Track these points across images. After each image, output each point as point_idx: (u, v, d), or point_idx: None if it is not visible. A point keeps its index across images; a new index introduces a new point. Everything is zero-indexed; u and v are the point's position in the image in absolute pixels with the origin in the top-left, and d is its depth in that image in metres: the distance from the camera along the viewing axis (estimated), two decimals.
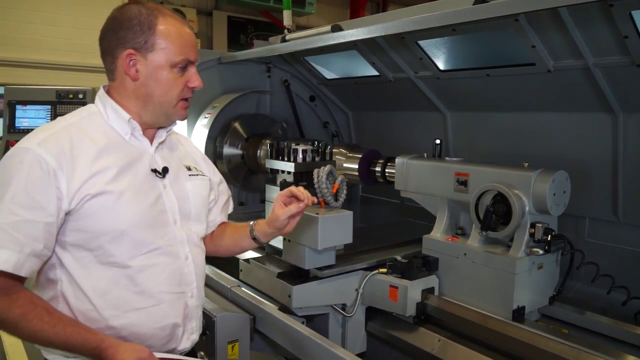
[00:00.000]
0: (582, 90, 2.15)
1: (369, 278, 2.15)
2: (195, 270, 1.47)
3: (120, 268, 1.31)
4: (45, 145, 1.25)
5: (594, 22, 1.85)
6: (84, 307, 1.30)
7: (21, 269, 1.21)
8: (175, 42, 1.37)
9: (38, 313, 1.22)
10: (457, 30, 2.19)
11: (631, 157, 2.17)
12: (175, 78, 1.39)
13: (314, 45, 2.65)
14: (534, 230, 1.92)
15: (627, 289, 1.99)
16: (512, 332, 1.84)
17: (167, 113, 1.43)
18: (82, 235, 1.29)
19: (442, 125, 2.99)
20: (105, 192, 1.28)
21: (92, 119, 1.39)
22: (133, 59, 1.37)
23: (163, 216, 1.40)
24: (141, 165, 1.40)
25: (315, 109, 3.74)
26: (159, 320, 1.37)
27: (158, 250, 1.36)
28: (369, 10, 12.38)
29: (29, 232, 1.21)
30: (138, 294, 1.33)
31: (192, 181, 1.54)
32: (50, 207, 1.23)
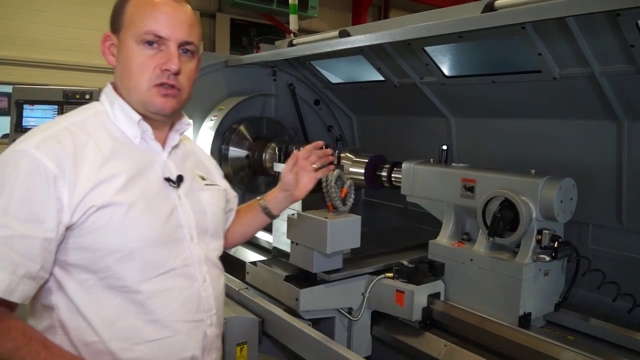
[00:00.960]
0: (588, 97, 2.17)
1: (375, 282, 2.16)
2: (215, 294, 1.29)
3: (129, 293, 1.13)
4: (45, 148, 1.08)
5: (601, 30, 1.87)
6: (88, 338, 1.12)
7: (13, 294, 1.03)
8: (141, 13, 1.18)
9: (33, 347, 1.04)
10: (463, 37, 2.21)
11: (635, 164, 2.18)
12: (145, 57, 1.17)
13: (321, 51, 2.67)
14: (541, 237, 1.93)
15: (633, 296, 2.00)
16: (519, 338, 1.85)
17: (141, 100, 1.20)
18: (85, 255, 1.11)
19: (446, 130, 3.01)
20: (113, 203, 1.10)
21: (97, 118, 1.22)
22: (109, 42, 1.24)
23: (178, 232, 1.22)
24: (153, 173, 1.22)
25: (319, 113, 3.76)
26: (174, 354, 1.18)
27: (173, 271, 1.19)
28: (371, 15, 12.42)
29: (24, 249, 1.03)
30: (150, 323, 1.15)
31: (208, 192, 1.37)
32: (49, 220, 1.05)
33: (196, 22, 1.26)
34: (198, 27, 1.27)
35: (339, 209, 2.04)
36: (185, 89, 1.24)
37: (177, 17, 1.19)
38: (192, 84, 1.27)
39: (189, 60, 1.24)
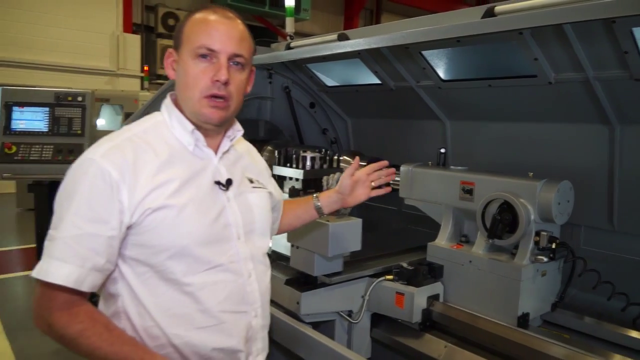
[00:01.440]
0: (582, 102, 2.20)
1: (375, 285, 2.18)
2: (260, 288, 1.40)
3: (180, 285, 1.26)
4: (109, 157, 1.21)
5: (596, 37, 1.90)
6: (146, 323, 1.26)
7: (82, 284, 1.18)
8: (197, 30, 1.30)
9: (97, 330, 1.19)
10: (461, 41, 2.23)
11: (627, 167, 2.22)
12: (200, 70, 1.29)
13: (319, 54, 2.68)
14: (539, 239, 1.97)
15: (627, 295, 2.04)
16: (518, 338, 1.88)
17: (194, 110, 1.32)
18: (142, 251, 1.24)
19: (441, 133, 3.03)
20: (166, 206, 1.23)
21: (157, 129, 1.34)
22: (171, 58, 1.36)
23: (226, 231, 1.34)
24: (204, 177, 1.34)
25: (314, 116, 3.77)
26: (221, 341, 1.30)
27: (220, 267, 1.30)
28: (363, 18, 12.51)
29: (91, 246, 1.18)
30: (199, 312, 1.27)
31: (256, 193, 1.47)
32: (113, 220, 1.19)
33: (247, 37, 1.36)
34: (249, 42, 1.37)
35: (340, 212, 2.06)
36: (234, 98, 1.34)
37: (227, 32, 1.31)
38: (242, 93, 1.38)
39: (238, 71, 1.34)
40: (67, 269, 1.16)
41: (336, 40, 2.71)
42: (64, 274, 1.16)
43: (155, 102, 3.10)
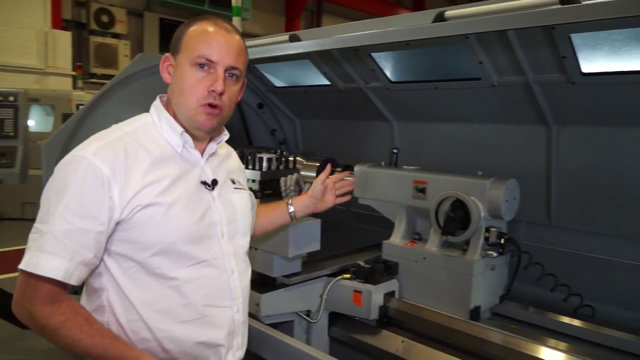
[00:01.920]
0: (522, 104, 2.32)
1: (333, 284, 2.21)
2: (241, 285, 1.44)
3: (166, 279, 1.30)
4: (101, 155, 1.24)
5: (537, 43, 2.01)
6: (131, 317, 1.28)
7: (71, 278, 1.21)
8: (197, 40, 1.34)
9: (78, 322, 1.21)
10: (410, 44, 2.29)
11: (563, 165, 2.36)
12: (198, 79, 1.33)
13: (270, 55, 2.67)
14: (489, 235, 2.06)
15: (568, 286, 2.17)
16: (471, 330, 1.97)
17: (188, 116, 1.36)
18: (129, 246, 1.27)
19: (389, 134, 3.10)
20: (155, 203, 1.27)
21: (146, 129, 1.38)
22: (167, 62, 1.39)
23: (211, 229, 1.38)
24: (191, 177, 1.38)
25: (262, 117, 3.75)
26: (204, 334, 1.34)
27: (204, 262, 1.34)
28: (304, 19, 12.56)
29: (81, 240, 1.21)
30: (183, 306, 1.31)
31: (238, 194, 1.52)
32: (102, 216, 1.23)
33: (244, 50, 1.42)
34: (245, 55, 1.42)
35: None
36: (226, 108, 1.38)
37: (226, 45, 1.35)
38: (233, 104, 1.42)
39: (233, 83, 1.38)
40: (56, 262, 1.19)
41: (287, 41, 2.71)
42: (53, 266, 1.19)
43: (100, 102, 2.98)
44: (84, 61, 9.61)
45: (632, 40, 1.82)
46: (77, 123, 3.00)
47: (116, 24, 9.90)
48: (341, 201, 1.99)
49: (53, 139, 2.97)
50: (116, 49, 9.92)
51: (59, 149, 2.97)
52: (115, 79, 3.10)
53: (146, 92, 3.05)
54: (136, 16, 10.57)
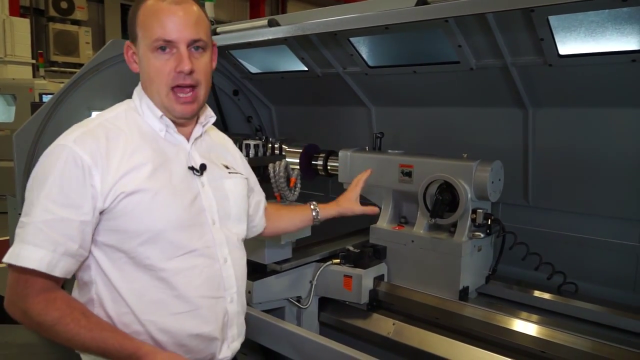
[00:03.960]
0: (499, 87, 2.35)
1: (322, 269, 2.21)
2: (236, 274, 1.39)
3: (155, 271, 1.25)
4: (81, 142, 1.20)
5: (515, 25, 2.04)
6: (120, 310, 1.24)
7: (54, 269, 1.16)
8: (150, 22, 1.27)
9: (75, 317, 1.17)
10: (389, 28, 2.28)
11: (539, 147, 2.41)
12: (162, 63, 1.27)
13: (248, 40, 2.63)
14: (475, 216, 2.09)
15: (552, 265, 2.23)
16: (461, 310, 2.00)
17: (163, 105, 1.31)
18: (116, 236, 1.23)
19: (367, 119, 3.10)
20: (140, 190, 1.21)
21: (128, 114, 1.32)
22: (131, 51, 1.33)
23: (201, 216, 1.32)
24: (177, 163, 1.32)
25: (238, 103, 3.70)
26: (197, 326, 1.29)
27: (195, 252, 1.29)
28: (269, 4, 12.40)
29: (64, 230, 1.16)
30: (175, 297, 1.27)
31: (231, 179, 1.45)
32: (86, 205, 1.18)
33: (202, 17, 1.32)
34: (205, 22, 1.33)
35: (288, 198, 2.06)
36: (202, 83, 1.32)
37: (181, 20, 1.27)
38: (209, 76, 1.36)
39: (200, 55, 1.31)
40: (39, 253, 1.15)
41: (266, 26, 2.66)
42: (36, 258, 1.14)
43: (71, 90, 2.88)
44: (43, 49, 9.26)
45: (607, 21, 1.87)
46: (48, 112, 2.90)
47: (76, 10, 9.58)
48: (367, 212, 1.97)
49: (24, 129, 2.86)
50: (77, 36, 9.61)
51: (30, 139, 2.87)
52: (85, 66, 3.01)
53: (119, 79, 3.00)
54: (96, 2, 10.25)
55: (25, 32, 8.78)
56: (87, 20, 9.86)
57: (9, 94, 6.84)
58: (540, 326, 1.84)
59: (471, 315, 1.97)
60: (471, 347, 1.91)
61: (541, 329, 1.83)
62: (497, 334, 1.89)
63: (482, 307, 1.99)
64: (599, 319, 2.05)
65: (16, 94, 6.74)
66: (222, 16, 11.21)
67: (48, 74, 8.78)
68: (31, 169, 1.23)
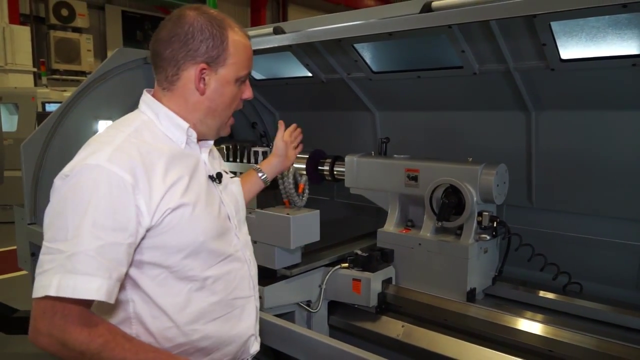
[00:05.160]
0: (502, 90, 2.39)
1: (331, 273, 2.24)
2: (255, 272, 1.48)
3: (197, 281, 1.28)
4: (117, 160, 1.16)
5: (518, 31, 2.07)
6: (162, 324, 1.25)
7: (112, 296, 1.13)
8: (243, 56, 1.33)
9: (119, 341, 1.15)
10: (393, 35, 2.32)
11: (542, 149, 2.44)
12: (237, 92, 1.36)
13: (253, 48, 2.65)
14: (481, 219, 2.13)
15: (557, 266, 2.26)
16: (469, 311, 2.04)
17: (219, 127, 1.39)
18: (159, 252, 1.22)
19: (371, 124, 3.13)
20: (182, 204, 1.22)
21: (147, 127, 1.29)
22: (204, 74, 1.30)
23: (227, 223, 1.38)
24: (201, 173, 1.35)
25: (243, 110, 3.72)
26: (236, 326, 1.37)
27: (230, 257, 1.36)
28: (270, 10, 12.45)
29: (114, 256, 1.13)
30: (215, 304, 1.31)
31: (234, 184, 1.53)
32: (131, 226, 1.15)
33: None
34: None
35: (296, 204, 2.09)
36: None
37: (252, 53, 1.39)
38: None
39: None
40: (96, 282, 1.10)
41: (271, 34, 2.70)
42: (94, 287, 1.10)
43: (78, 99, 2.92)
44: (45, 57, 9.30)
45: (608, 26, 1.90)
46: (55, 122, 2.94)
47: (77, 17, 9.62)
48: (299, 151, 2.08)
49: (32, 139, 2.90)
50: (78, 43, 9.65)
51: (38, 149, 2.90)
52: (92, 75, 3.04)
53: (125, 88, 3.05)
54: (97, 9, 10.29)
55: (25, 40, 8.81)
56: (89, 28, 9.90)
57: (11, 103, 6.87)
58: (546, 325, 1.88)
59: (479, 316, 2.00)
60: (479, 347, 1.94)
61: (547, 328, 1.87)
62: (504, 333, 1.92)
63: (489, 308, 2.03)
64: (604, 317, 2.07)
65: (18, 103, 6.77)
66: None
67: (50, 82, 8.82)
68: (39, 179, 1.23)
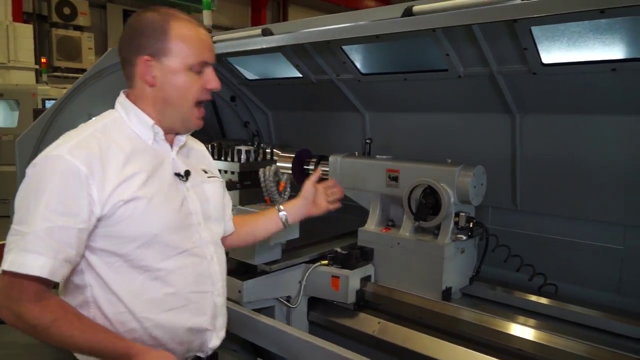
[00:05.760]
0: (487, 93, 2.43)
1: (311, 270, 2.29)
2: (220, 269, 1.51)
3: (151, 271, 1.34)
4: (76, 152, 1.26)
5: (500, 35, 2.11)
6: (117, 310, 1.32)
7: (56, 275, 1.23)
8: (190, 44, 1.37)
9: (69, 319, 1.24)
10: (380, 37, 2.36)
11: (526, 152, 2.48)
12: (192, 81, 1.39)
13: (243, 49, 2.71)
14: (458, 219, 2.17)
15: (533, 267, 2.31)
16: (443, 309, 2.08)
17: (183, 119, 1.43)
18: (113, 241, 1.30)
19: (360, 125, 3.18)
20: (137, 197, 1.30)
21: (116, 124, 1.40)
22: (149, 65, 1.37)
23: (189, 219, 1.43)
24: (165, 170, 1.42)
25: (235, 109, 3.78)
26: (190, 319, 1.40)
27: (186, 252, 1.40)
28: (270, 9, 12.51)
29: (63, 238, 1.23)
30: (169, 295, 1.36)
31: (210, 183, 1.56)
32: (83, 213, 1.25)
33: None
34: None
35: (277, 202, 2.14)
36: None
37: (209, 43, 1.42)
38: None
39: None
40: (41, 260, 1.21)
41: (260, 35, 2.74)
42: (39, 265, 1.20)
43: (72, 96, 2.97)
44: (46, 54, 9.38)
45: (588, 32, 1.94)
46: (50, 118, 3.00)
47: (79, 16, 9.70)
48: (334, 208, 1.95)
49: (26, 134, 2.96)
50: (79, 41, 9.73)
51: (32, 144, 2.96)
52: (87, 73, 3.10)
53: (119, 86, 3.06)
54: (99, 8, 10.37)
55: (28, 38, 8.89)
56: (90, 26, 9.98)
57: (13, 100, 6.95)
58: (518, 325, 1.92)
59: (453, 315, 2.05)
60: (452, 345, 1.98)
61: (520, 327, 1.90)
62: (477, 332, 1.96)
63: (463, 307, 2.07)
64: (581, 319, 2.10)
65: (19, 100, 6.85)
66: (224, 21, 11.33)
67: (51, 79, 8.90)
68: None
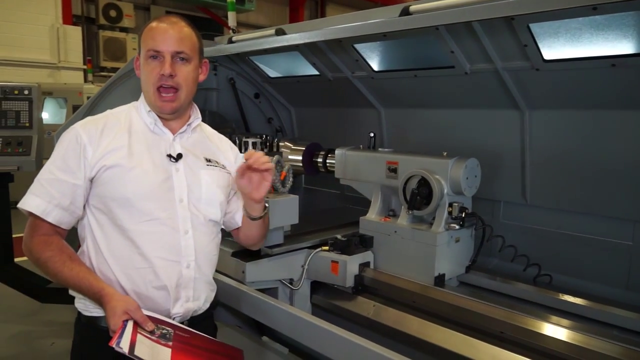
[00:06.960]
0: (494, 90, 2.48)
1: (313, 255, 2.44)
2: (196, 246, 1.63)
3: (125, 231, 1.55)
4: (85, 126, 1.58)
5: (500, 32, 2.16)
6: (99, 260, 1.57)
7: (47, 215, 1.52)
8: (148, 36, 1.60)
9: (62, 258, 1.51)
10: (387, 36, 2.47)
11: (535, 147, 2.52)
12: (152, 68, 1.58)
13: (259, 47, 2.87)
14: (452, 209, 2.27)
15: (527, 257, 2.37)
16: (434, 294, 2.19)
17: (150, 102, 1.63)
18: (100, 200, 1.56)
19: (377, 120, 3.28)
20: (117, 165, 1.55)
21: (129, 110, 1.68)
22: (137, 62, 1.67)
23: (169, 194, 1.60)
24: (158, 150, 1.63)
25: (259, 106, 3.94)
26: (153, 281, 1.56)
27: (157, 220, 1.57)
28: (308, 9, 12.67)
29: (59, 188, 1.53)
30: (138, 254, 1.56)
31: (208, 171, 1.70)
32: (79, 172, 1.54)
33: (189, 35, 1.63)
34: (191, 39, 1.64)
35: (279, 190, 2.30)
36: (182, 87, 1.62)
37: (168, 35, 1.59)
38: (190, 82, 1.64)
39: (183, 65, 1.61)
40: (37, 201, 1.52)
41: (274, 35, 2.90)
42: (35, 204, 1.52)
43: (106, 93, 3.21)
44: (94, 55, 9.90)
45: (587, 28, 1.96)
46: (85, 113, 3.25)
47: (124, 18, 10.17)
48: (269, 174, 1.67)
49: (64, 128, 3.22)
50: (124, 42, 10.21)
51: None
52: (120, 71, 3.32)
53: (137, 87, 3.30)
54: (143, 10, 10.83)
55: (77, 40, 9.43)
56: (134, 28, 10.46)
57: (61, 98, 7.42)
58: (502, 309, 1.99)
59: (443, 299, 2.15)
60: (442, 328, 2.08)
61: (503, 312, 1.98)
62: (467, 316, 2.05)
63: (453, 292, 2.17)
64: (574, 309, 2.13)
65: (67, 98, 7.32)
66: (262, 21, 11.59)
67: (97, 78, 9.41)
68: None
